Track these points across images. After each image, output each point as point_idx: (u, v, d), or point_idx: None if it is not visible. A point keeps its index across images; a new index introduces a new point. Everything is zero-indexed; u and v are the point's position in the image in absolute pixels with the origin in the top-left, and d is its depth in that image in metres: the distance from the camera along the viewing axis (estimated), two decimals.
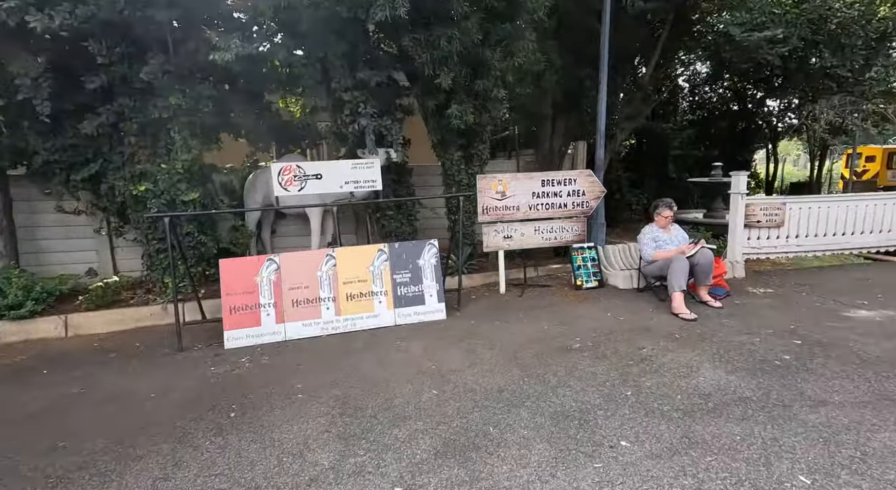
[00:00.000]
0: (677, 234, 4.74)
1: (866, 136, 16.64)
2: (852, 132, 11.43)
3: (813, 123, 12.54)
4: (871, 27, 5.27)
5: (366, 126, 4.46)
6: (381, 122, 4.63)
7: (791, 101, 13.59)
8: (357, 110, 4.48)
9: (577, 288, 5.16)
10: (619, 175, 13.50)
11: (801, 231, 5.83)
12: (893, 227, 6.02)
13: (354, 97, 4.48)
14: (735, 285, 5.03)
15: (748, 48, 5.18)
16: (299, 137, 5.38)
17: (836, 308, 4.13)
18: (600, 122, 5.62)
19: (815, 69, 5.60)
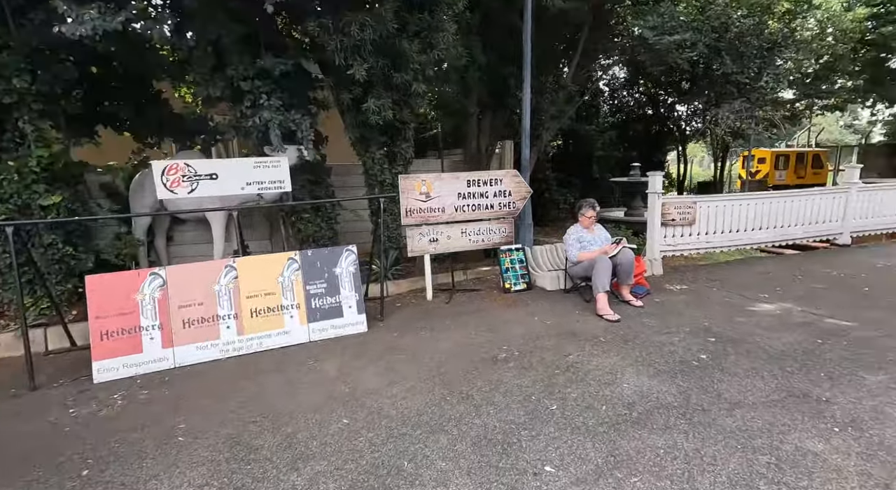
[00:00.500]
0: (600, 233, 4.76)
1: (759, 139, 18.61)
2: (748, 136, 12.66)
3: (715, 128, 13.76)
4: (763, 38, 5.71)
5: (270, 120, 3.96)
6: (289, 117, 4.15)
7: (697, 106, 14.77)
8: (259, 102, 3.97)
9: (506, 291, 5.02)
10: (548, 175, 13.86)
11: (710, 228, 6.17)
12: (785, 224, 6.58)
13: (255, 87, 3.96)
14: (654, 283, 5.17)
15: (660, 51, 5.37)
16: (196, 132, 4.72)
17: (743, 303, 4.33)
18: (525, 121, 5.54)
19: (719, 75, 5.96)
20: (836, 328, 3.56)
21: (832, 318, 3.78)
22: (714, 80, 6.31)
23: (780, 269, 5.62)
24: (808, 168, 18.65)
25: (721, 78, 5.94)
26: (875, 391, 2.61)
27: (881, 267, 5.50)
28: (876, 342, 3.26)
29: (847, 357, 3.04)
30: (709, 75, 6.23)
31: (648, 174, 5.96)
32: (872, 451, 2.09)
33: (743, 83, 6.01)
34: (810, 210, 6.73)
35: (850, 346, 3.22)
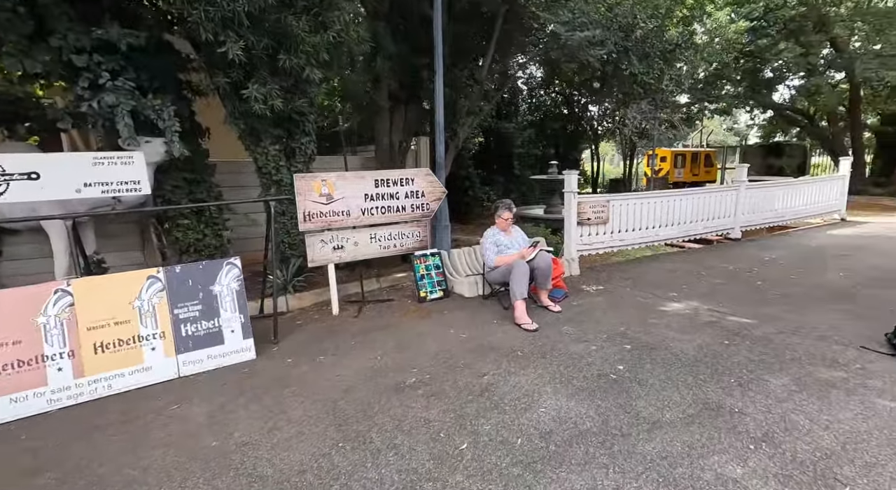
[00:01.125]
0: (518, 236, 4.53)
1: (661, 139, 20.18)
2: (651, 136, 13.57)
3: (624, 127, 14.59)
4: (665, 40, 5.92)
5: (116, 105, 3.15)
6: (146, 102, 3.36)
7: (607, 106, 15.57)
8: (98, 82, 3.15)
9: (422, 300, 4.63)
10: (470, 172, 13.77)
11: (623, 226, 6.29)
12: (688, 221, 6.93)
13: (94, 63, 3.13)
14: (572, 284, 5.08)
15: (572, 48, 5.29)
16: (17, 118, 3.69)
17: (655, 302, 4.34)
18: (438, 116, 5.17)
19: (627, 75, 6.07)
20: (739, 327, 3.63)
21: (734, 316, 3.87)
22: (623, 79, 6.46)
23: (685, 265, 5.84)
24: (701, 166, 20.59)
25: (629, 78, 6.08)
26: (780, 396, 2.58)
27: (768, 260, 5.93)
28: (774, 341, 3.34)
29: (752, 359, 3.05)
30: (618, 75, 6.35)
31: (564, 173, 5.90)
32: (788, 472, 1.98)
33: (648, 84, 6.20)
34: (709, 207, 7.16)
35: (753, 346, 3.25)
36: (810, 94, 13.60)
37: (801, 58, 11.34)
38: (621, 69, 5.86)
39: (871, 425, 2.28)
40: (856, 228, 8.12)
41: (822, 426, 2.29)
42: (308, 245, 4.22)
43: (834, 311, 3.90)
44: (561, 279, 4.82)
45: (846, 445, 2.14)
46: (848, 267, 5.36)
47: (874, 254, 6.05)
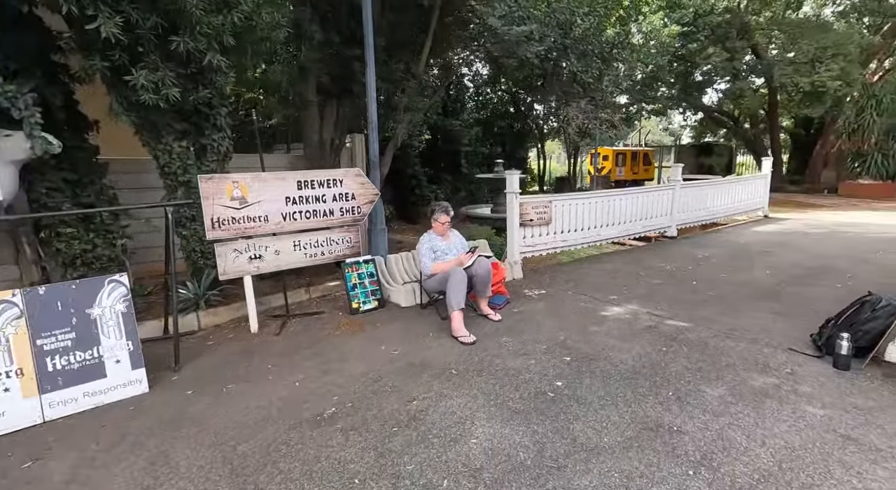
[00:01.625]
0: (456, 241, 4.27)
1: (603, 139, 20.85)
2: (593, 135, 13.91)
3: (568, 127, 14.86)
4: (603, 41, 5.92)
5: None
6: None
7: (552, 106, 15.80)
8: None
9: (354, 312, 4.25)
10: (417, 170, 13.44)
11: (566, 227, 6.22)
12: (628, 220, 7.01)
13: None
14: (514, 288, 4.90)
15: (510, 43, 5.11)
16: None
17: (595, 307, 4.24)
18: (371, 112, 4.79)
19: (567, 74, 5.99)
20: (676, 331, 3.58)
21: (672, 320, 3.83)
22: (562, 78, 6.40)
23: (625, 265, 5.86)
24: (640, 165, 21.51)
25: (569, 77, 6.01)
26: (717, 410, 2.48)
27: (701, 258, 6.09)
28: (710, 345, 3.29)
29: (689, 367, 2.97)
30: (557, 73, 6.27)
31: (506, 173, 5.72)
32: None
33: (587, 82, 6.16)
34: (647, 207, 7.29)
35: (689, 352, 3.19)
36: (735, 98, 14.48)
37: (727, 63, 11.99)
38: (561, 67, 5.77)
39: (805, 438, 2.22)
40: (777, 225, 8.63)
41: (758, 442, 2.20)
42: (219, 255, 3.72)
43: (763, 311, 3.97)
44: (502, 284, 4.62)
45: (782, 464, 2.04)
46: (772, 265, 5.58)
47: (793, 250, 6.38)
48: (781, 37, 12.59)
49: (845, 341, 2.77)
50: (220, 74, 3.61)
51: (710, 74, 14.45)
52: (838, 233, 7.55)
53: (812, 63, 11.16)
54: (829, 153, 16.20)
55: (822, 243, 6.76)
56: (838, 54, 10.97)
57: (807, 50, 11.08)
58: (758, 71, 14.22)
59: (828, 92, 11.19)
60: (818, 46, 10.97)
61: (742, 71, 13.57)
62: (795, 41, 11.52)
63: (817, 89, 11.16)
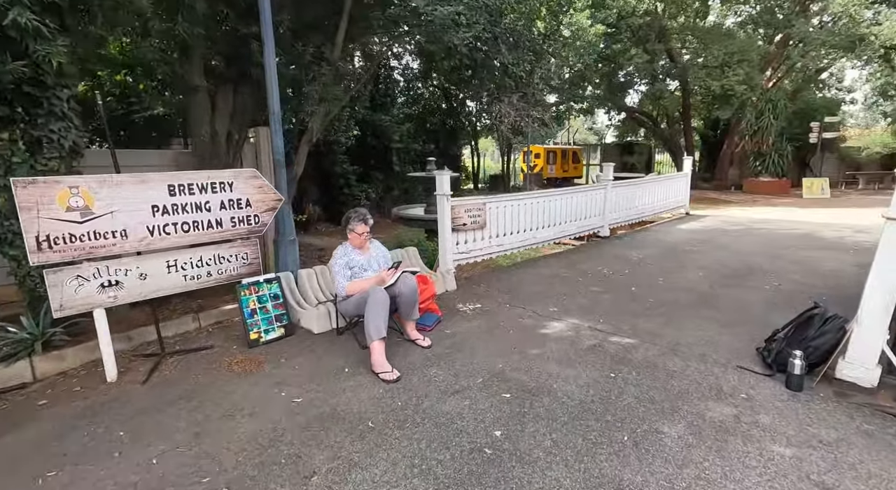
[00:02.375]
0: (377, 254, 3.64)
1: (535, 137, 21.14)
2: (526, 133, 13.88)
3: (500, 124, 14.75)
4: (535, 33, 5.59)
5: None
6: None
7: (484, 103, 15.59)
8: None
9: (253, 344, 3.48)
10: (345, 168, 12.58)
11: (501, 230, 5.83)
12: (564, 221, 6.80)
13: None
14: (447, 303, 4.39)
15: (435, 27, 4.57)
16: None
17: (535, 323, 3.84)
18: (272, 101, 4.01)
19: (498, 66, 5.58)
20: (622, 350, 3.25)
21: (616, 335, 3.51)
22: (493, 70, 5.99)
23: (563, 270, 5.58)
24: (570, 163, 22.14)
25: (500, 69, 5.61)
26: (680, 458, 2.11)
27: (636, 260, 5.98)
28: (658, 367, 2.99)
29: (640, 398, 2.61)
30: (488, 65, 5.86)
31: (436, 172, 5.19)
32: None
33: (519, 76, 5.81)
34: (582, 207, 7.13)
35: (639, 378, 2.85)
36: (656, 99, 15.19)
37: (647, 64, 12.43)
38: (491, 59, 5.34)
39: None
40: (699, 223, 8.96)
41: None
42: (52, 285, 2.79)
43: (704, 320, 3.79)
44: (433, 300, 4.08)
45: None
46: (703, 265, 5.58)
47: (718, 248, 6.51)
48: (694, 42, 13.29)
49: (798, 360, 2.55)
50: (43, 42, 2.67)
51: (632, 75, 15.02)
52: (753, 230, 7.92)
53: (721, 67, 11.85)
54: (734, 153, 17.60)
55: (741, 241, 7.00)
56: (743, 60, 11.73)
57: (717, 54, 11.73)
58: (673, 74, 15.00)
59: (735, 95, 11.94)
60: (726, 52, 11.66)
61: (660, 73, 14.22)
62: (707, 46, 12.17)
63: (726, 92, 11.88)
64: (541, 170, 20.59)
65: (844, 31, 10.70)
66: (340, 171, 12.45)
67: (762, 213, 10.28)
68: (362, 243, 3.55)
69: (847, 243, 6.57)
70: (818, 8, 12.05)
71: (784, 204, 12.21)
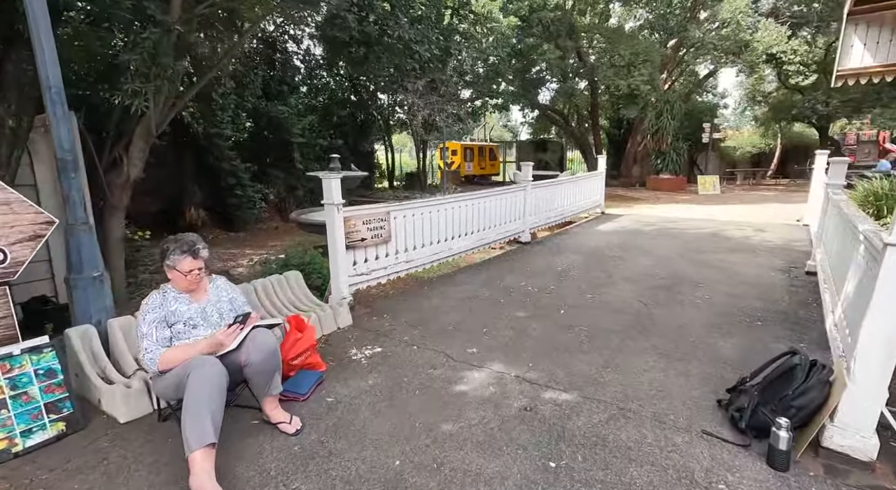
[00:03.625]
0: (219, 299, 2.48)
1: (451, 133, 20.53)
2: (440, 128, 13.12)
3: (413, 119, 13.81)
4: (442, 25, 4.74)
5: None
6: None
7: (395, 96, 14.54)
8: None
9: (1, 457, 2.15)
10: (235, 166, 10.80)
11: (410, 243, 4.88)
12: (482, 228, 6.04)
13: None
14: (337, 347, 3.35)
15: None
16: None
17: (449, 376, 2.95)
18: (45, 68, 2.63)
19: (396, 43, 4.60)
20: (560, 415, 2.47)
21: (550, 389, 2.74)
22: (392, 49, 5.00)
23: (482, 287, 4.79)
24: (487, 160, 21.92)
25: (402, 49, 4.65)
26: None
27: (560, 270, 5.40)
28: (609, 443, 2.24)
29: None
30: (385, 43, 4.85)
31: (322, 174, 4.09)
32: None
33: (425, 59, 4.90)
34: (502, 211, 6.44)
35: (587, 468, 2.06)
36: (567, 96, 15.27)
37: (559, 61, 12.29)
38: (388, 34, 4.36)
39: None
40: (614, 223, 8.81)
41: None
42: None
43: (645, 353, 3.18)
44: (315, 350, 3.01)
45: None
46: (629, 275, 5.13)
47: (639, 252, 6.20)
48: (602, 41, 13.45)
49: (784, 432, 1.94)
50: None
51: (544, 72, 14.94)
52: (666, 230, 7.86)
53: (628, 67, 12.03)
54: (637, 151, 18.50)
55: (659, 243, 6.80)
56: (647, 60, 12.02)
57: (623, 54, 11.88)
58: (583, 73, 15.18)
59: (640, 95, 12.21)
60: (632, 52, 11.84)
61: (570, 71, 14.26)
62: (614, 46, 12.31)
63: (633, 92, 12.09)
64: (458, 167, 20.06)
65: (733, 36, 11.35)
66: (229, 168, 10.66)
67: (669, 212, 10.54)
68: (192, 285, 2.37)
69: (754, 244, 6.64)
70: (706, 15, 12.75)
71: (685, 201, 12.82)
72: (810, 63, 11.25)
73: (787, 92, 19.46)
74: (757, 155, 23.82)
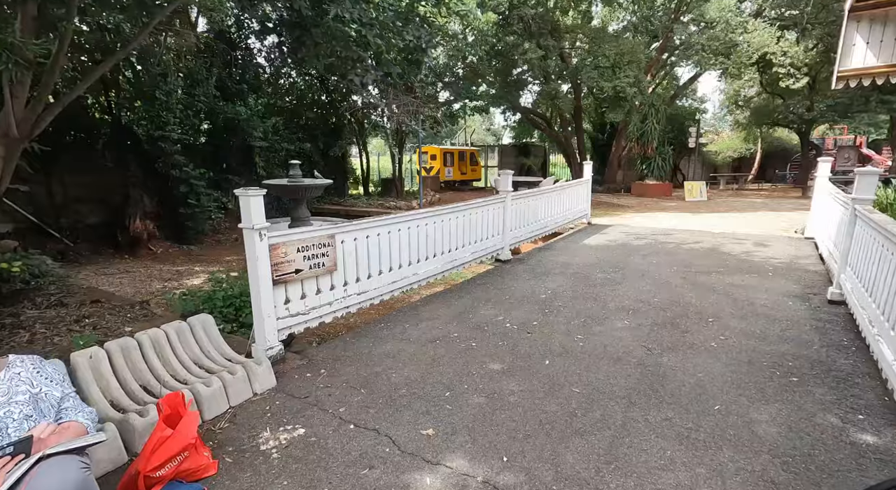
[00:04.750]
0: (10, 395, 1.56)
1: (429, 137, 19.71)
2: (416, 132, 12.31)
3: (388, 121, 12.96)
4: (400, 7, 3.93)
5: None
6: None
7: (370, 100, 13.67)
8: None
9: None
10: (188, 172, 9.78)
11: (363, 271, 4.01)
12: (454, 247, 5.21)
13: None
14: (245, 425, 2.46)
15: None
16: None
17: (390, 480, 2.08)
18: None
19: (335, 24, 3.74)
20: None
21: None
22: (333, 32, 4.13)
23: (450, 324, 3.94)
24: (468, 165, 21.14)
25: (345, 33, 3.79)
26: None
27: (545, 298, 4.59)
28: None
29: None
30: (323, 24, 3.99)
31: (240, 191, 3.19)
32: None
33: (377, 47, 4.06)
34: (477, 227, 5.62)
35: None
36: (550, 98, 14.61)
37: (541, 61, 11.60)
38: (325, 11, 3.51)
39: None
40: (603, 235, 8.08)
41: None
42: None
43: (662, 437, 2.37)
44: (197, 448, 2.11)
45: None
46: (626, 305, 4.36)
47: (634, 274, 5.45)
48: (586, 41, 12.83)
49: None
50: None
51: (526, 74, 14.27)
52: (660, 244, 7.15)
53: (613, 68, 11.40)
54: (622, 156, 17.97)
55: (655, 262, 6.07)
56: (632, 61, 11.41)
57: (608, 54, 11.26)
58: (566, 76, 14.54)
59: (626, 97, 11.60)
60: (617, 52, 11.22)
61: (552, 72, 13.61)
62: (599, 45, 11.68)
63: (618, 94, 11.47)
64: (437, 172, 19.24)
65: (722, 36, 10.82)
66: (180, 175, 9.61)
67: (660, 221, 9.90)
68: None
69: (758, 262, 5.96)
70: (693, 16, 12.24)
71: (673, 208, 12.24)
72: (801, 65, 10.78)
73: (767, 97, 19.25)
74: (738, 159, 23.70)
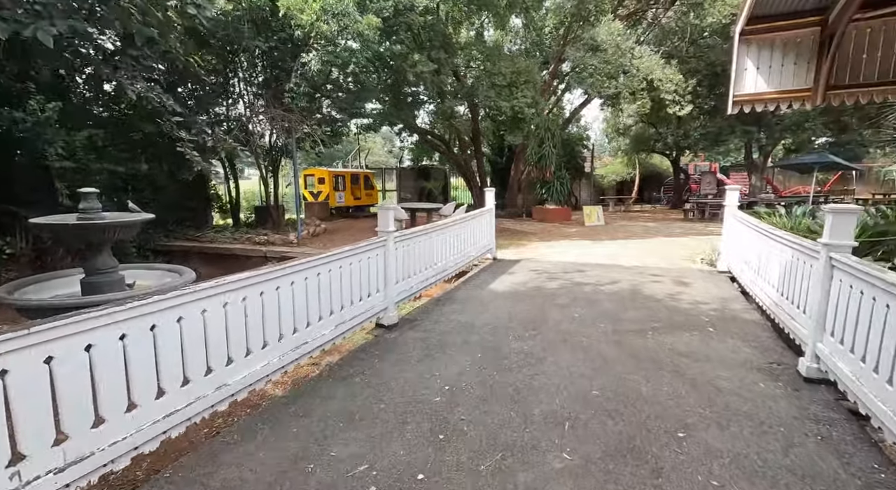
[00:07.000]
0: None
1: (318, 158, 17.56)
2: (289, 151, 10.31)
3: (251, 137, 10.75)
4: None
5: None
6: None
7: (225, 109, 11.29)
8: None
9: None
10: None
11: (118, 403, 2.03)
12: (303, 326, 3.40)
13: None
14: None
15: None
16: None
17: None
18: None
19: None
20: None
21: None
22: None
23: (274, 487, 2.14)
24: (362, 189, 19.30)
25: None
26: None
27: (442, 406, 3.00)
28: None
29: None
30: None
31: None
32: None
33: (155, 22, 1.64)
34: (346, 285, 3.88)
35: None
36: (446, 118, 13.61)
37: (433, 75, 10.45)
38: None
39: None
40: (512, 276, 6.87)
41: None
42: None
43: None
44: None
45: None
46: (556, 407, 2.96)
47: (558, 341, 4.16)
48: (480, 57, 12.06)
49: None
50: None
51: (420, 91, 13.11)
52: (576, 290, 6.03)
53: (510, 87, 10.66)
54: (521, 180, 17.67)
55: (576, 316, 4.89)
56: (529, 81, 10.81)
57: (505, 72, 10.50)
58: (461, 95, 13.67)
59: (525, 118, 10.93)
60: (513, 70, 10.52)
61: (448, 92, 12.61)
62: (495, 63, 10.90)
63: (517, 115, 10.74)
64: (327, 197, 17.11)
65: (614, 60, 10.69)
66: None
67: (566, 253, 9.11)
68: None
69: (686, 308, 5.10)
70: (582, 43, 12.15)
71: (575, 236, 11.76)
72: (684, 93, 11.10)
73: (644, 125, 20.78)
74: (620, 183, 25.48)
